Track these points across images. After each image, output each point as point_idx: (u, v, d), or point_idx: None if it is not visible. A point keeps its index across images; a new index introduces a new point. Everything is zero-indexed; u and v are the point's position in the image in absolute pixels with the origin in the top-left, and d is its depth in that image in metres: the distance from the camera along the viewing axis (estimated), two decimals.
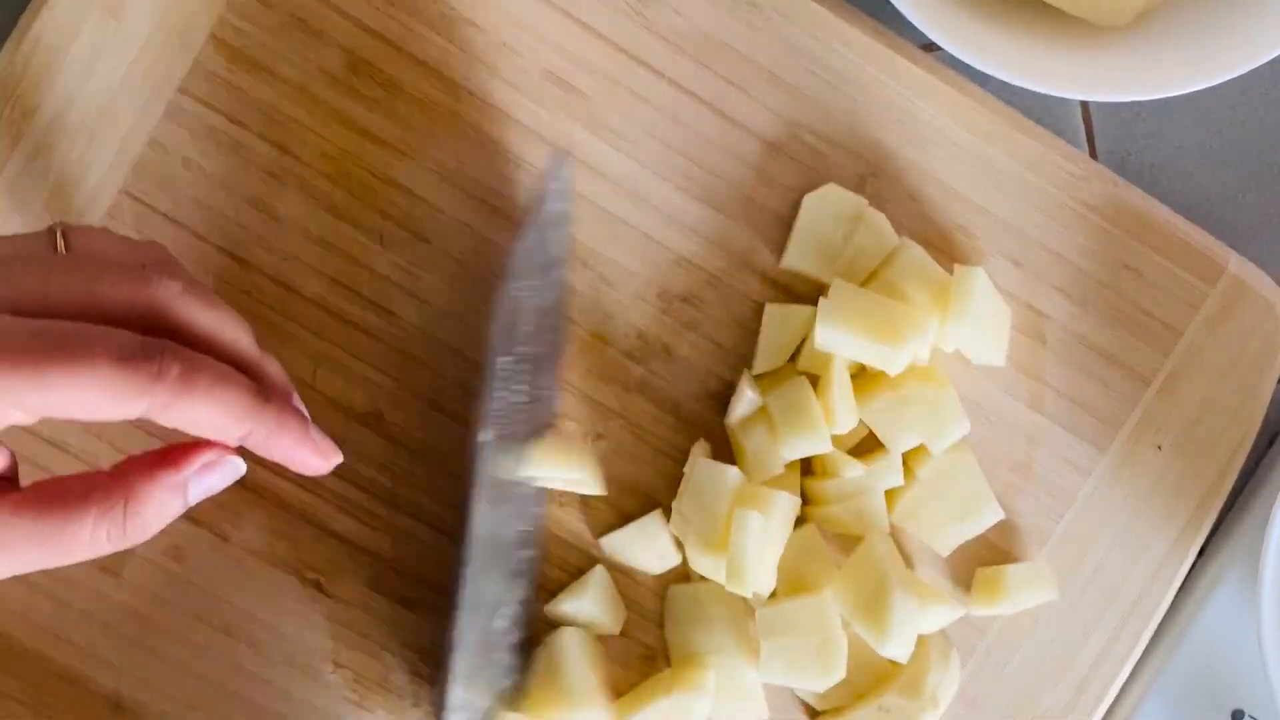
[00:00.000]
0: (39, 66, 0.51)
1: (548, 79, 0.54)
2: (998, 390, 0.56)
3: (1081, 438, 0.56)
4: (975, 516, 0.54)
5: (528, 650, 0.53)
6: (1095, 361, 0.56)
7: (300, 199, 0.53)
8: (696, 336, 0.55)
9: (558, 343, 0.53)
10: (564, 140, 0.54)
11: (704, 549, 0.52)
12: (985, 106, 0.55)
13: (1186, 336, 0.56)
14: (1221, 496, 0.56)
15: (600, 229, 0.54)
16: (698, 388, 0.55)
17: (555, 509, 0.54)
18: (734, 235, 0.54)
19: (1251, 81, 0.59)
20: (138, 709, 0.53)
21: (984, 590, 0.55)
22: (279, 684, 0.53)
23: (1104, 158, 0.59)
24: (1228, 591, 0.56)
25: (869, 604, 0.52)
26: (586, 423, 0.54)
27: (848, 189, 0.54)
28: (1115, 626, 0.56)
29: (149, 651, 0.53)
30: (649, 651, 0.55)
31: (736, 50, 0.54)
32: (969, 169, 0.55)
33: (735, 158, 0.54)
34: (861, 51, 0.54)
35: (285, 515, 0.53)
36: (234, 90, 0.52)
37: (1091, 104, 0.59)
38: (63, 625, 0.53)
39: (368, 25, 0.53)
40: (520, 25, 0.53)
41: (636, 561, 0.54)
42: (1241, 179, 0.59)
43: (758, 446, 0.53)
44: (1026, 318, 0.56)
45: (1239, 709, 0.57)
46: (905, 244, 0.54)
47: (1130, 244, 0.56)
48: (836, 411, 0.51)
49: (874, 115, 0.55)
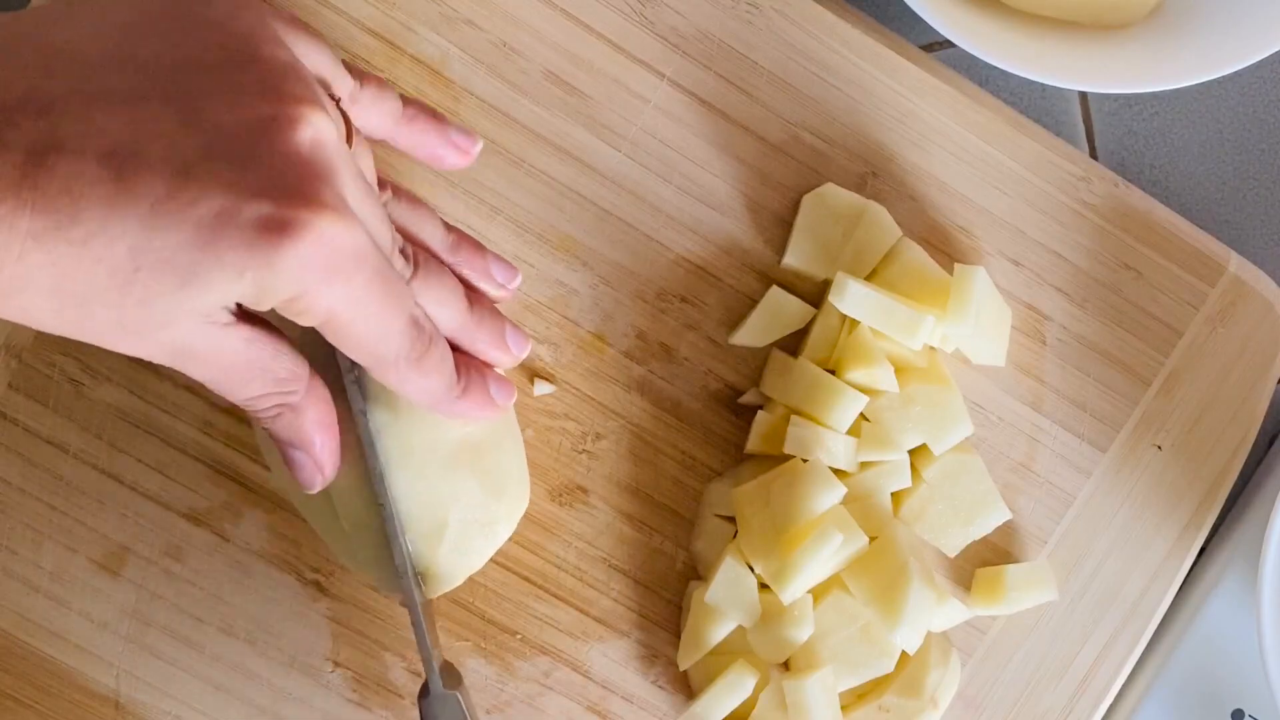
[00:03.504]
0: None
1: (548, 79, 0.54)
2: (998, 390, 0.56)
3: (1081, 438, 0.56)
4: (982, 517, 0.54)
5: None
6: (1095, 361, 0.56)
7: None
8: (696, 336, 0.55)
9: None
10: (564, 140, 0.54)
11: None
12: (985, 106, 0.55)
13: (1186, 336, 0.56)
14: (1221, 496, 0.56)
15: (600, 229, 0.54)
16: (698, 388, 0.55)
17: (555, 509, 0.54)
18: (734, 235, 0.54)
19: (1251, 82, 0.59)
20: (138, 709, 0.53)
21: (984, 590, 0.55)
22: (279, 684, 0.53)
23: (1104, 158, 0.59)
24: (1228, 591, 0.56)
25: (886, 590, 0.52)
26: (586, 423, 0.54)
27: (848, 189, 0.54)
28: (1115, 626, 0.56)
29: (149, 651, 0.53)
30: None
31: (736, 50, 0.54)
32: (969, 169, 0.55)
33: (735, 158, 0.54)
34: (862, 51, 0.54)
35: (285, 515, 0.53)
36: None
37: (1092, 105, 0.59)
38: (63, 625, 0.53)
39: (368, 25, 0.53)
40: (520, 25, 0.53)
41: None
42: (1241, 179, 0.59)
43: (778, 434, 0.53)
44: (1026, 318, 0.56)
45: (1239, 709, 0.57)
46: (905, 244, 0.54)
47: (1130, 244, 0.56)
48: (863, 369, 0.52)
49: (874, 115, 0.55)
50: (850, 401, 0.52)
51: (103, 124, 0.37)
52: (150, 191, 0.37)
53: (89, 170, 0.36)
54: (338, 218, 0.39)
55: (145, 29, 0.39)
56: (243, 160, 0.38)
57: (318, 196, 0.38)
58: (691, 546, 0.55)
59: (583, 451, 0.54)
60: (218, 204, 0.37)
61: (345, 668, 0.54)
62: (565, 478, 0.54)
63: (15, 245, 0.36)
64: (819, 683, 0.51)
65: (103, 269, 0.37)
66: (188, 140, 0.37)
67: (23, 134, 0.36)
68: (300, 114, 0.39)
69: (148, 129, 0.37)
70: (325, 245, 0.38)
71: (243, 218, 0.37)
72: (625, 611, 0.55)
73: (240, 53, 0.40)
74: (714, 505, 0.54)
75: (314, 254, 0.38)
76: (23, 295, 0.37)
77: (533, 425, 0.54)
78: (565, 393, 0.54)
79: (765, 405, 0.54)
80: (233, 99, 0.39)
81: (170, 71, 0.39)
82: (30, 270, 0.36)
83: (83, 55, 0.38)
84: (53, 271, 0.36)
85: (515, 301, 0.54)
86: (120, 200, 0.36)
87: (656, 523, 0.55)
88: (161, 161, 0.37)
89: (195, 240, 0.37)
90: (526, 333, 0.50)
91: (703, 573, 0.55)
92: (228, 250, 0.37)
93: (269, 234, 0.38)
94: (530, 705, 0.54)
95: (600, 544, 0.55)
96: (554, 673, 0.55)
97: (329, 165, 0.39)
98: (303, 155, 0.39)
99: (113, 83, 0.38)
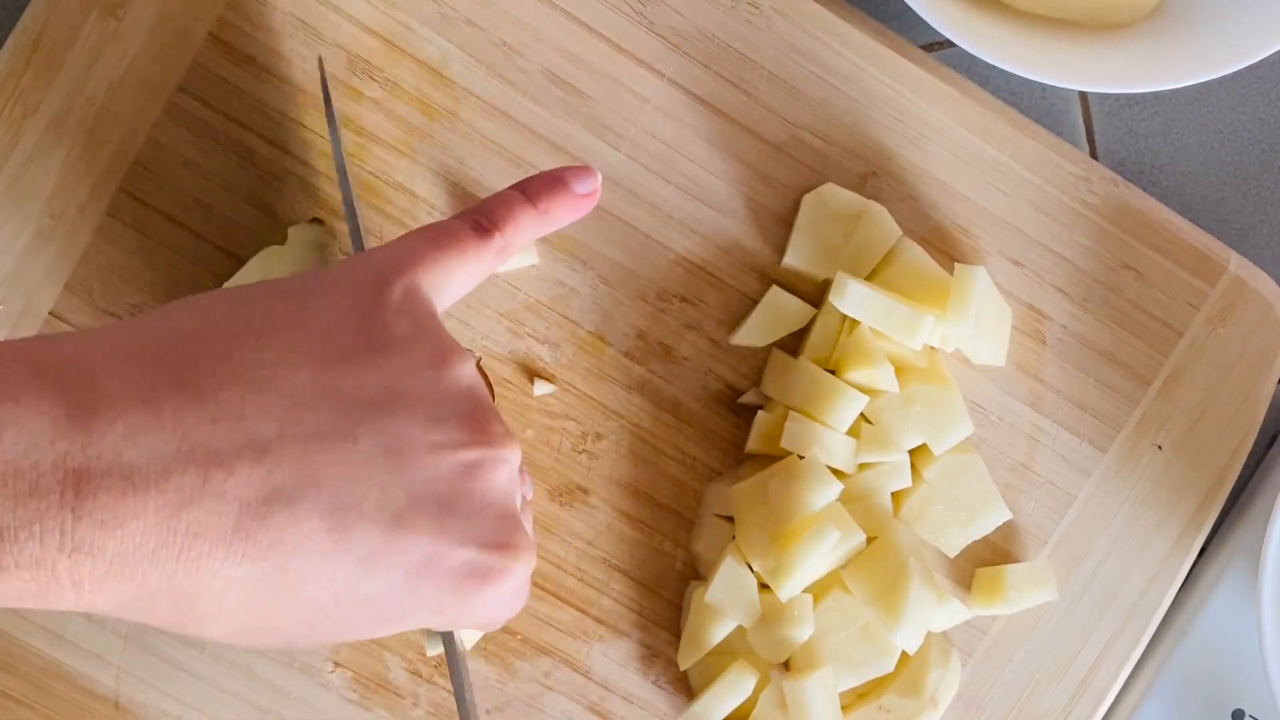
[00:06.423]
0: (39, 66, 0.51)
1: (548, 79, 0.54)
2: (998, 390, 0.56)
3: (1081, 438, 0.56)
4: (982, 517, 0.54)
5: None
6: (1095, 361, 0.56)
7: (300, 199, 0.53)
8: (696, 336, 0.55)
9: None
10: (564, 140, 0.54)
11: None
12: (985, 106, 0.55)
13: (1186, 336, 0.56)
14: (1221, 496, 0.56)
15: (600, 229, 0.54)
16: (698, 388, 0.55)
17: (555, 509, 0.54)
18: (734, 235, 0.54)
19: (1252, 81, 0.59)
20: (138, 709, 0.53)
21: (984, 590, 0.55)
22: (279, 684, 0.53)
23: (1104, 158, 0.59)
24: (1228, 591, 0.56)
25: (886, 590, 0.52)
26: (586, 423, 0.54)
27: (848, 189, 0.54)
28: (1115, 626, 0.56)
29: (149, 651, 0.53)
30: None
31: (736, 50, 0.54)
32: (969, 169, 0.55)
33: (735, 158, 0.54)
34: (862, 51, 0.54)
35: None
36: (234, 90, 0.52)
37: (1092, 105, 0.59)
38: (63, 625, 0.53)
39: (368, 25, 0.53)
40: (520, 25, 0.53)
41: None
42: (1242, 179, 0.59)
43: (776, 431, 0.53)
44: (1026, 318, 0.56)
45: (1239, 709, 0.57)
46: (905, 244, 0.54)
47: (1130, 244, 0.56)
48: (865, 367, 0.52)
49: (874, 115, 0.55)
50: (850, 401, 0.52)
51: (317, 471, 0.36)
52: (365, 542, 0.37)
53: (307, 524, 0.36)
54: (529, 558, 0.40)
55: (351, 355, 0.39)
56: (449, 506, 0.38)
57: (514, 541, 0.40)
58: (691, 546, 0.55)
59: (583, 451, 0.54)
60: (427, 552, 0.38)
61: (345, 668, 0.54)
62: (565, 478, 0.54)
63: (216, 590, 0.36)
64: (819, 683, 0.51)
65: (306, 609, 0.37)
66: (398, 488, 0.38)
67: (239, 483, 0.35)
68: (500, 456, 0.40)
69: (361, 475, 0.37)
70: (517, 582, 0.40)
71: (447, 565, 0.38)
72: (625, 611, 0.55)
73: (442, 381, 0.40)
74: (714, 505, 0.54)
75: (506, 592, 0.40)
76: (211, 625, 0.37)
77: (533, 425, 0.54)
78: (565, 393, 0.54)
79: (765, 405, 0.54)
80: (438, 437, 0.39)
81: (379, 407, 0.38)
82: (227, 610, 0.36)
83: (289, 387, 0.37)
84: (249, 609, 0.37)
85: (515, 301, 0.54)
86: (332, 553, 0.37)
87: (656, 523, 0.55)
88: (376, 510, 0.37)
89: (401, 584, 0.38)
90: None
91: (703, 573, 0.55)
92: (431, 594, 0.38)
93: (473, 581, 0.39)
94: (530, 705, 0.54)
95: (600, 544, 0.55)
96: (554, 673, 0.55)
97: (515, 500, 0.41)
98: (501, 498, 0.40)
99: (326, 422, 0.37)
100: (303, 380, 0.37)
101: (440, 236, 0.43)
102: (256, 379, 0.37)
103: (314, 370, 0.38)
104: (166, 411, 0.35)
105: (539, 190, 0.46)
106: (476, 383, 0.41)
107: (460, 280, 0.43)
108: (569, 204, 0.46)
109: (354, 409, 0.38)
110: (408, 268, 0.41)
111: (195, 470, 0.35)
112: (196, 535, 0.35)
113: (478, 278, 0.44)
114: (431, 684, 0.54)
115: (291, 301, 0.39)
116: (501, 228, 0.44)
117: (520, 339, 0.54)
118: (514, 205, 0.45)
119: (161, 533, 0.34)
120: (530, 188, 0.46)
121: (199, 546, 0.35)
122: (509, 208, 0.45)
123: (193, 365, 0.37)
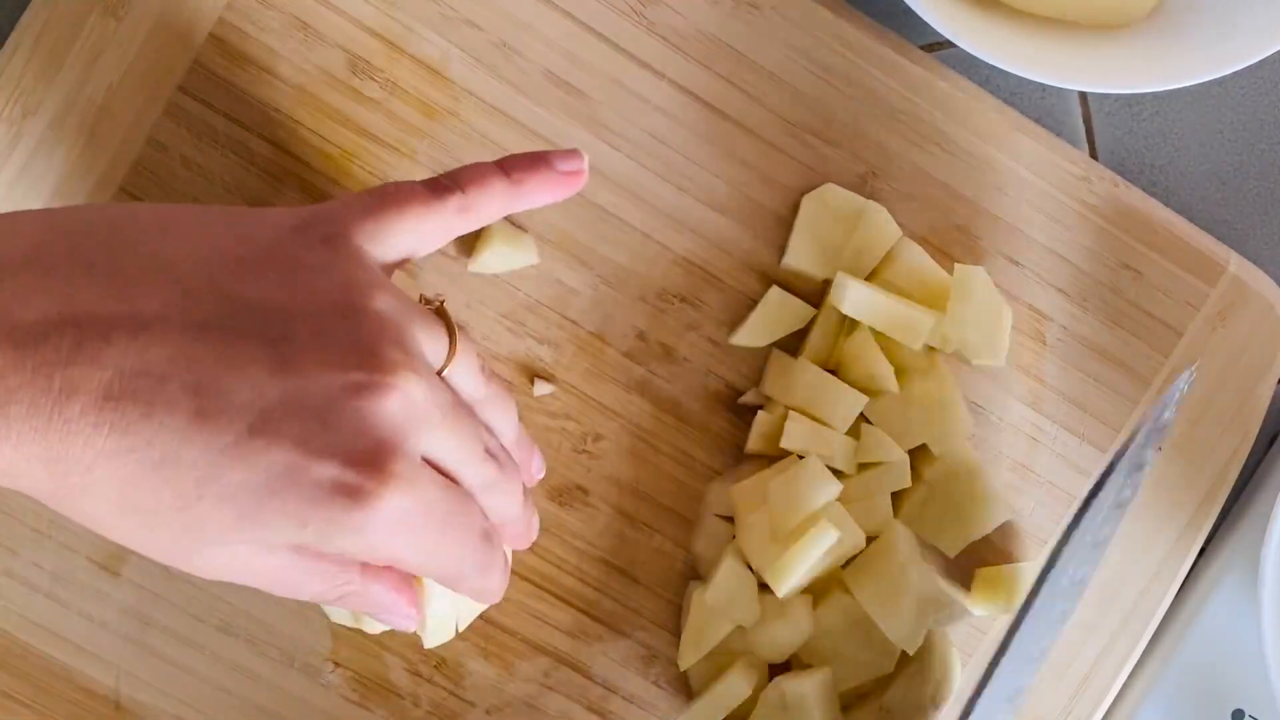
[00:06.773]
0: (39, 66, 0.51)
1: (548, 79, 0.54)
2: (998, 390, 0.56)
3: (1081, 438, 0.56)
4: (983, 518, 0.54)
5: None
6: (1095, 362, 0.56)
7: (300, 199, 0.53)
8: (696, 336, 0.55)
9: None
10: (564, 140, 0.54)
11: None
12: (985, 106, 0.55)
13: (1186, 337, 0.56)
14: (1221, 496, 0.56)
15: (600, 229, 0.54)
16: (698, 388, 0.55)
17: (555, 509, 0.54)
18: (734, 235, 0.54)
19: (1252, 81, 0.59)
20: (138, 709, 0.53)
21: (984, 590, 0.55)
22: (279, 684, 0.53)
23: (1104, 158, 0.59)
24: (1228, 591, 0.56)
25: (886, 590, 0.52)
26: (586, 423, 0.54)
27: (848, 189, 0.54)
28: (1115, 626, 0.56)
29: (149, 651, 0.53)
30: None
31: (736, 50, 0.54)
32: (969, 169, 0.55)
33: (735, 158, 0.54)
34: (861, 51, 0.54)
35: None
36: (234, 90, 0.52)
37: (1092, 105, 0.59)
38: (63, 625, 0.53)
39: (368, 25, 0.53)
40: (520, 25, 0.53)
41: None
42: (1241, 179, 0.59)
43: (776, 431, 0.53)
44: (1026, 318, 0.56)
45: (1239, 709, 0.57)
46: (905, 244, 0.54)
47: (1130, 244, 0.56)
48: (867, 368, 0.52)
49: (874, 115, 0.55)
50: (850, 401, 0.52)
51: (193, 355, 0.37)
52: (228, 431, 0.37)
53: (174, 403, 0.37)
54: (406, 488, 0.39)
55: (253, 266, 0.40)
56: (322, 419, 0.38)
57: (387, 467, 0.39)
58: (691, 546, 0.55)
59: (583, 452, 0.54)
60: (290, 456, 0.38)
61: (345, 668, 0.54)
62: (565, 478, 0.54)
63: (87, 459, 0.36)
64: (819, 683, 0.51)
65: (169, 492, 0.37)
66: (273, 388, 0.38)
67: (116, 352, 0.36)
68: (391, 383, 0.39)
69: (236, 370, 0.38)
70: (390, 513, 0.39)
71: (310, 476, 0.38)
72: (625, 611, 0.55)
73: (345, 304, 0.40)
74: (714, 505, 0.54)
75: (379, 520, 0.39)
76: (87, 501, 0.38)
77: (533, 425, 0.54)
78: (565, 393, 0.54)
79: (765, 405, 0.54)
80: (325, 354, 0.39)
81: (270, 313, 0.39)
82: (98, 482, 0.37)
83: (186, 279, 0.39)
84: (120, 487, 0.37)
85: (515, 301, 0.54)
86: (197, 435, 0.37)
87: (656, 523, 0.55)
88: (244, 405, 0.38)
89: (263, 485, 0.38)
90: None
91: (703, 573, 0.55)
92: (293, 501, 0.38)
93: (336, 496, 0.39)
94: (530, 705, 0.54)
95: (600, 544, 0.55)
96: (554, 673, 0.55)
97: (409, 433, 0.40)
98: (383, 424, 0.39)
99: (211, 314, 0.38)
100: (199, 276, 0.39)
101: (386, 192, 0.44)
102: (154, 265, 0.39)
103: (215, 271, 0.39)
104: (58, 276, 0.37)
105: (515, 162, 0.47)
106: (392, 316, 0.41)
107: (405, 235, 0.44)
108: (547, 180, 0.47)
109: (244, 312, 0.39)
110: (338, 214, 0.43)
111: (74, 332, 0.36)
112: (70, 396, 0.36)
113: (432, 235, 0.45)
114: (431, 684, 0.54)
115: (217, 218, 0.41)
116: (464, 189, 0.45)
117: (520, 339, 0.54)
118: (483, 170, 0.46)
119: (36, 392, 0.35)
120: (507, 160, 0.47)
121: (71, 408, 0.36)
122: (476, 170, 0.46)
123: (97, 244, 0.38)
